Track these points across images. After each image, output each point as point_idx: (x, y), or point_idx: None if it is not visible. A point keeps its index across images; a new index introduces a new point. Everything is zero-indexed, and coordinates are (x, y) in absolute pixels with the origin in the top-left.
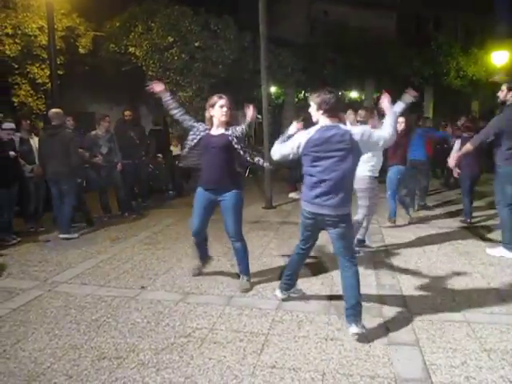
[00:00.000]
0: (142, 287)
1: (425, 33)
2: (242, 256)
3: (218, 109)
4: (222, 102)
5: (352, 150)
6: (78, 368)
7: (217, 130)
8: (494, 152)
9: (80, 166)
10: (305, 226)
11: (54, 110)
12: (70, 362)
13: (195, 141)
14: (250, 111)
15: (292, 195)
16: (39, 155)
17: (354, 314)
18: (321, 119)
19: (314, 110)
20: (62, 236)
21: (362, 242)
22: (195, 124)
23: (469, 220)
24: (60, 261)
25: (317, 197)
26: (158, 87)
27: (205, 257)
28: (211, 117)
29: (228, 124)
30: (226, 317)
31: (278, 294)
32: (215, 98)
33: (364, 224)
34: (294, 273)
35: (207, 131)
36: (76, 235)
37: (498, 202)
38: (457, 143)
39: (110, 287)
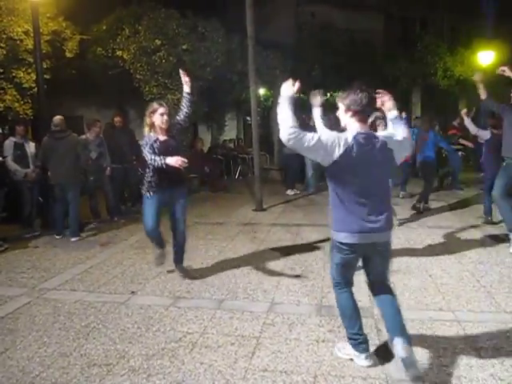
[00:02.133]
0: (132, 292)
1: (412, 34)
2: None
3: (158, 116)
4: (162, 109)
5: (391, 161)
6: (67, 376)
7: (162, 137)
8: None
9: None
10: (344, 265)
11: (58, 117)
12: (60, 369)
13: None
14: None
15: (289, 192)
16: (43, 160)
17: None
18: (351, 124)
19: (342, 113)
20: (73, 239)
21: None
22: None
23: (489, 218)
24: (48, 267)
25: (364, 222)
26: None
27: (162, 242)
28: (153, 123)
29: (168, 131)
30: (217, 320)
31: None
32: (155, 105)
33: None
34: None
35: (157, 137)
36: (84, 235)
37: (500, 194)
38: (486, 141)
39: (100, 293)
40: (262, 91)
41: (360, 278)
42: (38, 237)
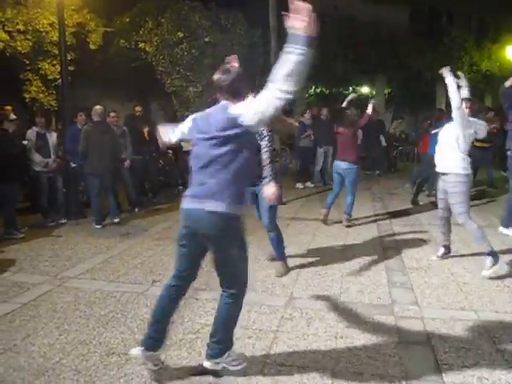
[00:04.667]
0: (154, 281)
1: (438, 27)
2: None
3: None
4: None
5: None
6: (86, 363)
7: None
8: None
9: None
10: None
11: (99, 107)
12: (79, 357)
13: None
14: None
15: (299, 185)
16: (83, 149)
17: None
18: None
19: None
20: (115, 220)
21: None
22: None
23: None
24: (70, 256)
25: None
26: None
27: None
28: None
29: None
30: None
31: None
32: None
33: None
34: None
35: None
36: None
37: None
38: None
39: (119, 283)
40: None
41: (378, 273)
42: (61, 226)
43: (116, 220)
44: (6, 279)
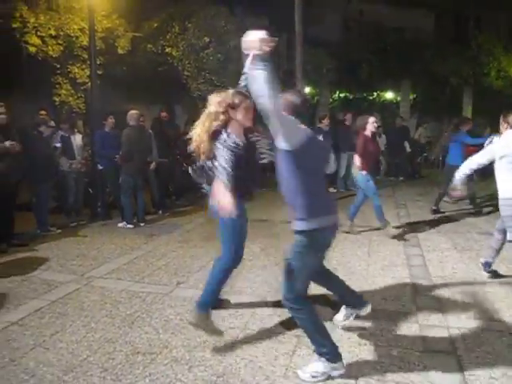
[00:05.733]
0: (178, 283)
1: (464, 32)
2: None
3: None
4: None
5: None
6: (112, 361)
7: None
8: None
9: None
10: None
11: (135, 112)
12: (106, 355)
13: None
14: None
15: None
16: (125, 152)
17: None
18: None
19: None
20: (141, 224)
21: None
22: None
23: None
24: (96, 256)
25: None
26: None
27: None
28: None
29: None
30: (259, 317)
31: None
32: (239, 96)
33: None
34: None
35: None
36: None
37: None
38: None
39: (144, 283)
40: (307, 89)
41: (402, 280)
42: (87, 226)
43: (141, 224)
44: (35, 277)
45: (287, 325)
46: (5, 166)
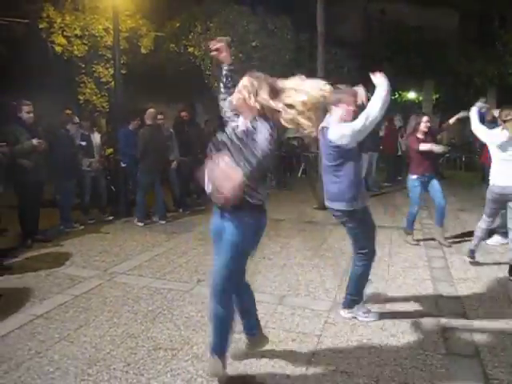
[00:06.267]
0: (199, 280)
1: (489, 31)
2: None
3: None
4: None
5: None
6: (135, 356)
7: None
8: None
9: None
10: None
11: (153, 110)
12: (128, 350)
13: None
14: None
15: None
16: (142, 151)
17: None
18: None
19: None
20: (161, 222)
21: None
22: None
23: None
24: (118, 252)
25: None
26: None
27: None
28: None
29: None
30: (278, 316)
31: None
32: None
33: None
34: None
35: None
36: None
37: None
38: None
39: (166, 280)
40: None
41: (424, 282)
42: (109, 223)
43: (162, 222)
44: (60, 272)
45: (307, 325)
46: (32, 163)
